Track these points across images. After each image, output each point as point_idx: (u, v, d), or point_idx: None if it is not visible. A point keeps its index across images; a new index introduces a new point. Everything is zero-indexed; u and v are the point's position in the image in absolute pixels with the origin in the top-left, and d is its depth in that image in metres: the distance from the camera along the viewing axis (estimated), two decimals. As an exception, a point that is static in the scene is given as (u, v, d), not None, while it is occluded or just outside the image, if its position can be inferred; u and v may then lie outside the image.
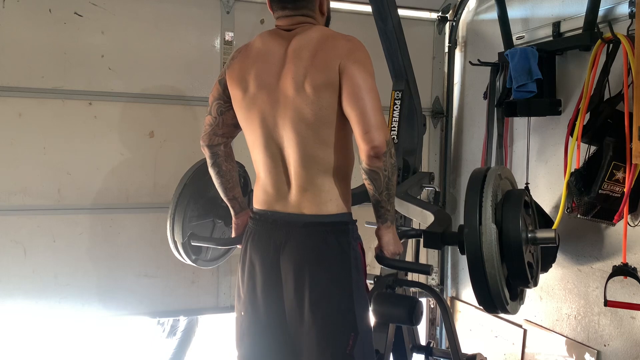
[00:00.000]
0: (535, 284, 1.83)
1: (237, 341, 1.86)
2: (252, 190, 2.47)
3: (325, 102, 1.63)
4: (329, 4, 1.83)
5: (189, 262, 2.34)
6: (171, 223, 2.31)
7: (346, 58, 1.62)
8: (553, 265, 2.64)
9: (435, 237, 1.86)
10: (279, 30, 1.77)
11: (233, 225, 2.06)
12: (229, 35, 3.10)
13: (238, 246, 1.99)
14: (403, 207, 2.25)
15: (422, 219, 2.18)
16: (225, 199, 2.01)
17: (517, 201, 1.73)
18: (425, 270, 1.78)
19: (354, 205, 1.83)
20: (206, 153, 1.94)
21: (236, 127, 1.87)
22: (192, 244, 2.28)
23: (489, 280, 1.65)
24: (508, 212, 1.69)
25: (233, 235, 2.06)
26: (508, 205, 1.72)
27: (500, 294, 1.67)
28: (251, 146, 1.80)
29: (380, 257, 1.76)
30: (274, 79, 1.70)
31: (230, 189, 1.99)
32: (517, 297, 1.82)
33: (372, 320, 1.82)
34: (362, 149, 1.61)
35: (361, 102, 1.59)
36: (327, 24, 1.86)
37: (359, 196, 1.92)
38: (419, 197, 2.61)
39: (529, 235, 1.75)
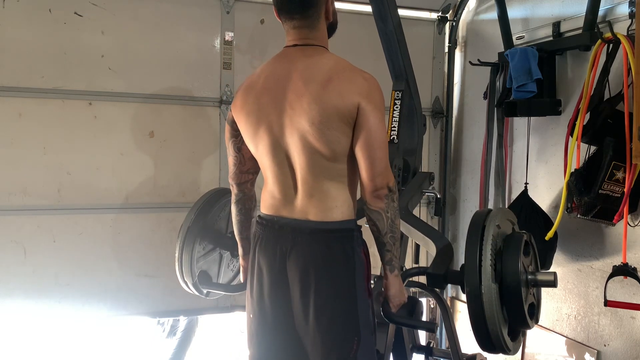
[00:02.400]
0: (537, 322, 1.90)
1: (248, 341, 1.90)
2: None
3: (335, 125, 1.65)
4: (334, 10, 1.84)
5: (202, 296, 2.40)
6: (179, 266, 2.34)
7: (366, 100, 1.65)
8: (553, 264, 2.64)
9: (438, 278, 1.94)
10: (285, 49, 1.80)
11: (241, 269, 2.10)
12: (229, 35, 3.10)
13: None
14: (405, 229, 2.27)
15: (423, 244, 2.22)
16: (237, 238, 2.05)
17: (516, 249, 1.78)
18: (431, 328, 1.90)
19: (359, 219, 1.84)
20: (234, 191, 1.99)
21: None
22: (202, 289, 2.36)
23: (492, 335, 1.73)
24: (508, 264, 1.75)
25: (242, 279, 2.09)
26: (507, 255, 1.77)
27: (502, 344, 1.75)
28: (261, 156, 1.81)
29: (387, 312, 1.81)
30: (280, 91, 1.71)
31: (245, 228, 2.03)
32: (519, 334, 1.88)
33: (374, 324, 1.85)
34: (365, 190, 1.68)
35: (373, 153, 1.66)
36: (332, 29, 1.86)
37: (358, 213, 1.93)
38: (419, 203, 2.63)
39: (529, 277, 1.81)
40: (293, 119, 1.68)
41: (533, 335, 2.95)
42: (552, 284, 1.82)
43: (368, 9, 2.46)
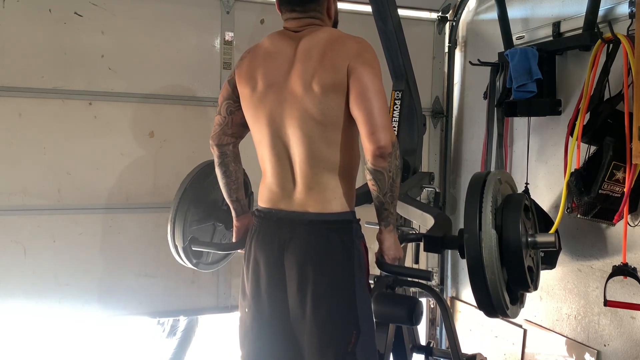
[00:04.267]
0: (536, 288, 1.84)
1: (240, 339, 1.87)
2: (252, 193, 2.47)
3: (333, 102, 1.65)
4: (336, 8, 1.85)
5: (190, 265, 2.34)
6: (172, 228, 2.31)
7: (355, 59, 1.63)
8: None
9: (435, 241, 1.89)
10: (287, 31, 1.79)
11: (234, 229, 2.06)
12: (229, 35, 3.10)
13: (239, 250, 1.99)
14: (403, 210, 2.26)
15: (422, 221, 2.19)
16: (228, 200, 2.02)
17: (517, 206, 1.74)
18: (426, 276, 1.80)
19: (356, 206, 1.83)
20: (215, 152, 1.95)
21: (245, 127, 1.89)
22: (193, 249, 2.28)
23: (490, 285, 1.66)
24: (508, 217, 1.70)
25: (234, 239, 2.06)
26: (508, 210, 1.72)
27: (500, 299, 1.68)
28: (258, 144, 1.81)
29: (380, 263, 1.77)
30: (282, 77, 1.71)
31: (234, 190, 1.99)
32: (518, 300, 1.82)
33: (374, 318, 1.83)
34: (367, 149, 1.63)
35: (368, 103, 1.61)
36: (334, 27, 1.87)
37: (361, 197, 1.92)
38: (419, 197, 2.62)
39: (529, 239, 1.76)
40: (294, 105, 1.68)
41: (533, 335, 2.95)
42: (552, 244, 1.76)
43: (368, 9, 2.46)
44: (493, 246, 1.65)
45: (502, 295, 1.67)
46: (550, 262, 2.57)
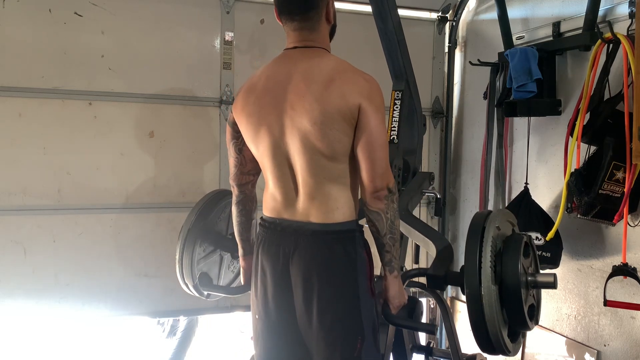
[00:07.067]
0: (537, 323, 1.90)
1: (254, 340, 1.92)
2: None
3: (337, 125, 1.66)
4: (334, 13, 1.85)
5: (202, 298, 2.40)
6: (180, 267, 2.34)
7: (368, 101, 1.66)
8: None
9: (438, 280, 1.94)
10: (286, 52, 1.80)
11: (241, 270, 2.11)
12: (229, 35, 3.10)
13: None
14: (405, 229, 2.27)
15: (423, 245, 2.22)
16: (238, 239, 2.06)
17: (516, 251, 1.78)
18: (431, 330, 1.99)
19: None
20: (234, 192, 1.99)
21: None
22: (203, 291, 2.35)
23: (492, 336, 1.74)
24: (507, 265, 1.75)
25: (242, 281, 2.11)
26: (507, 256, 1.77)
27: (502, 345, 1.76)
28: (260, 157, 1.82)
29: (387, 315, 1.81)
30: (281, 92, 1.72)
31: (246, 230, 2.04)
32: (519, 336, 1.88)
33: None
34: (365, 191, 1.69)
35: (374, 154, 1.67)
36: (332, 32, 1.87)
37: (362, 213, 1.94)
38: (419, 203, 2.63)
39: (529, 279, 1.81)
40: (294, 119, 1.69)
41: (533, 335, 2.95)
42: (552, 285, 1.82)
43: (368, 9, 2.46)
44: (493, 302, 1.71)
45: (503, 343, 1.75)
46: (553, 262, 2.59)
